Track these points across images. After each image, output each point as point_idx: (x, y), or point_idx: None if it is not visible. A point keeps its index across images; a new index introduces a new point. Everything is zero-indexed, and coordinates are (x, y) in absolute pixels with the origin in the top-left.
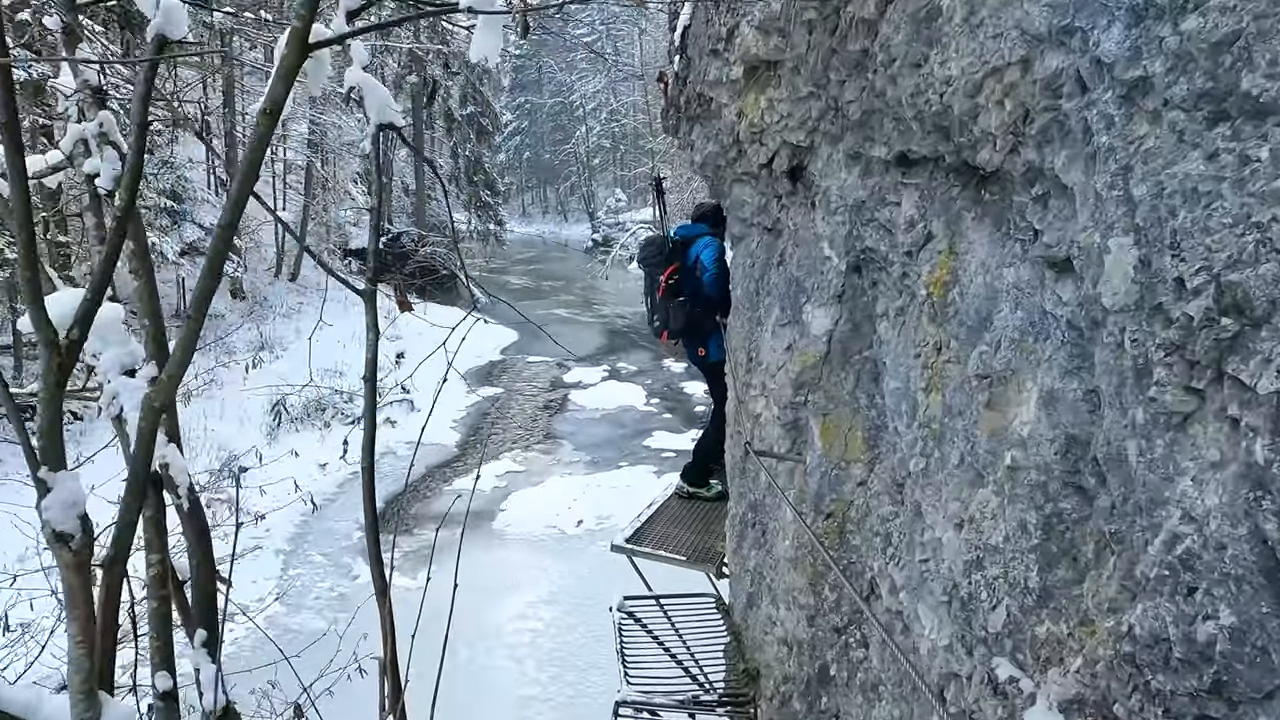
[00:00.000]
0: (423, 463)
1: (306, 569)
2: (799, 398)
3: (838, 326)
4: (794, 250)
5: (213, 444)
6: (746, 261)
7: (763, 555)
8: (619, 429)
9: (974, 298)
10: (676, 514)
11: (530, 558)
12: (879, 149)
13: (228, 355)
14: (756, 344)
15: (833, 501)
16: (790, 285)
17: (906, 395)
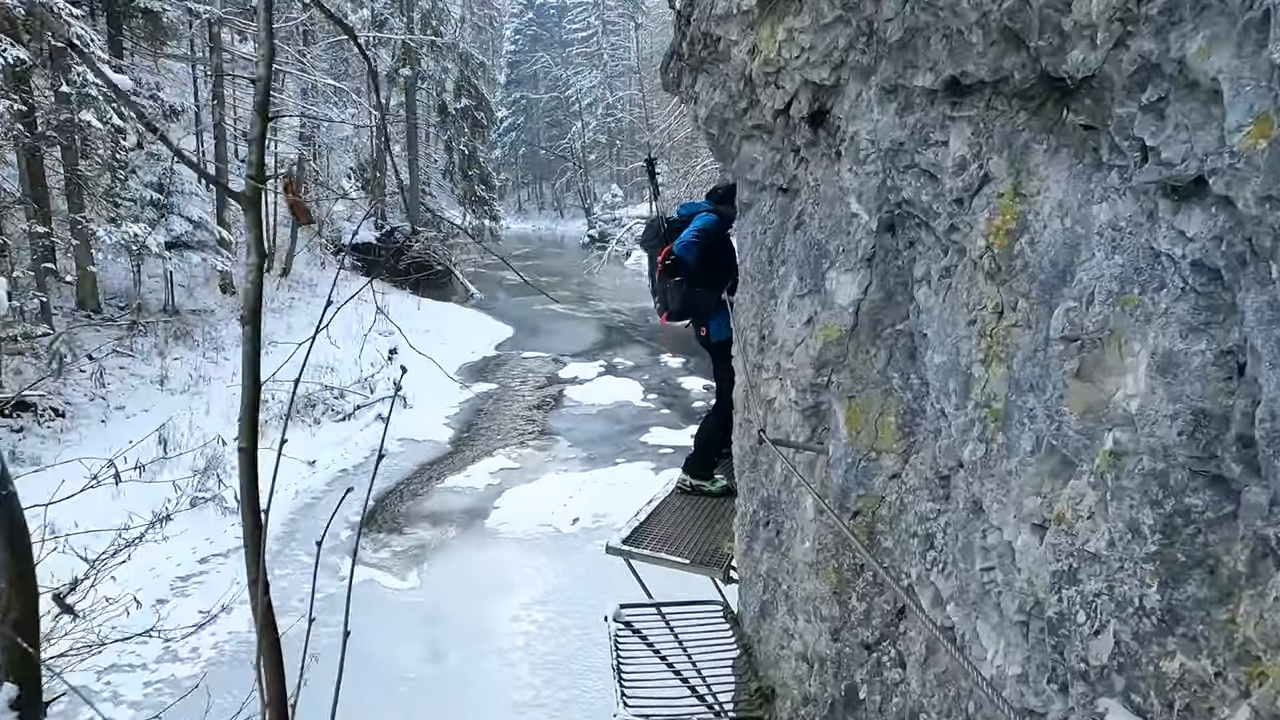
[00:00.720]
0: (414, 460)
1: (293, 569)
2: (820, 379)
3: (867, 295)
4: (814, 210)
5: (198, 440)
6: (757, 229)
7: (778, 558)
8: (615, 425)
9: (1049, 246)
10: (678, 511)
11: (524, 557)
12: (923, 77)
13: (216, 351)
14: (770, 320)
15: (860, 498)
16: (810, 250)
17: (956, 371)
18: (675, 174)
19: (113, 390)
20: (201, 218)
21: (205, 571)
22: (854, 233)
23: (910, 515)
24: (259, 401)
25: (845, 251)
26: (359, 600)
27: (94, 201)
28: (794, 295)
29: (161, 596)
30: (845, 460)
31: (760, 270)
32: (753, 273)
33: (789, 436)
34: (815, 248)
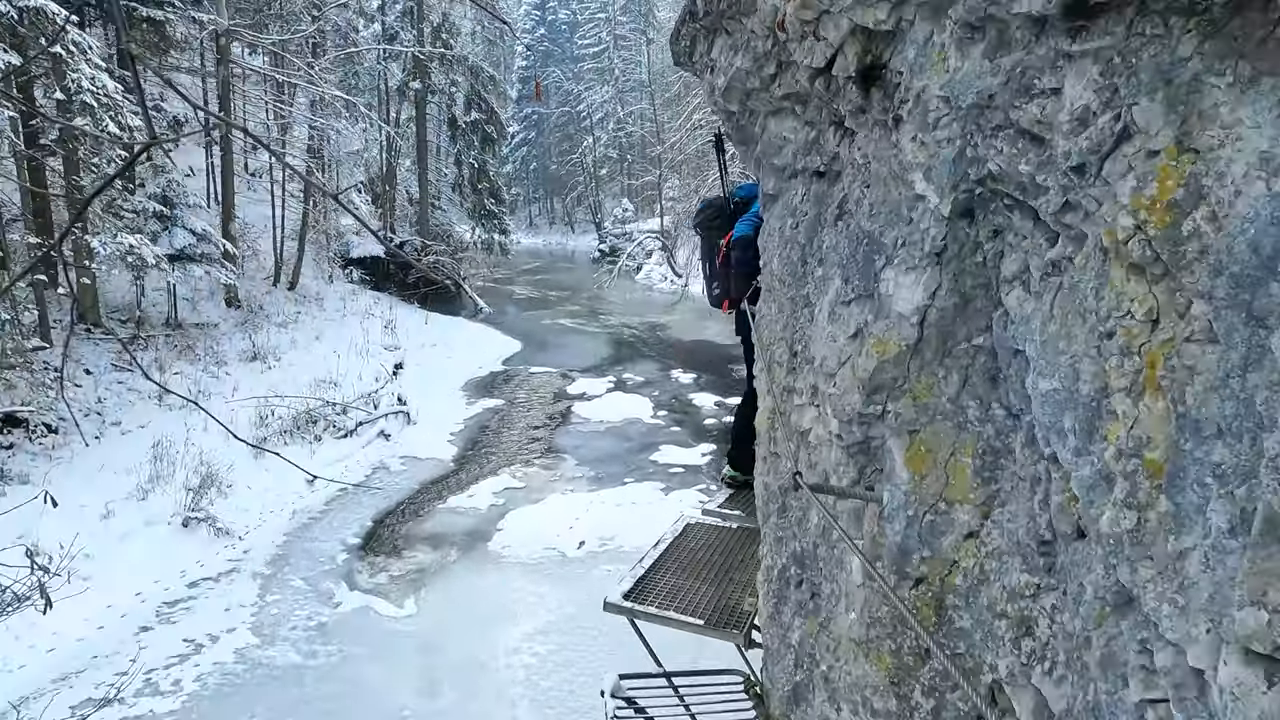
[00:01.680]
0: (416, 479)
1: (285, 595)
2: (872, 407)
3: (935, 300)
4: (863, 195)
5: (192, 458)
6: (786, 223)
7: (814, 628)
8: (624, 443)
9: (1247, 222)
10: (689, 558)
11: (527, 583)
12: (1028, 0)
13: (217, 365)
14: (803, 333)
15: (924, 561)
16: (858, 245)
17: (1075, 403)
18: (686, 189)
19: (109, 405)
20: (205, 230)
21: (194, 597)
22: (919, 220)
23: (995, 588)
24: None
25: (906, 245)
26: (353, 628)
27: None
28: (836, 302)
29: (145, 624)
30: (904, 512)
31: (790, 273)
32: (781, 276)
33: (828, 478)
34: (865, 241)
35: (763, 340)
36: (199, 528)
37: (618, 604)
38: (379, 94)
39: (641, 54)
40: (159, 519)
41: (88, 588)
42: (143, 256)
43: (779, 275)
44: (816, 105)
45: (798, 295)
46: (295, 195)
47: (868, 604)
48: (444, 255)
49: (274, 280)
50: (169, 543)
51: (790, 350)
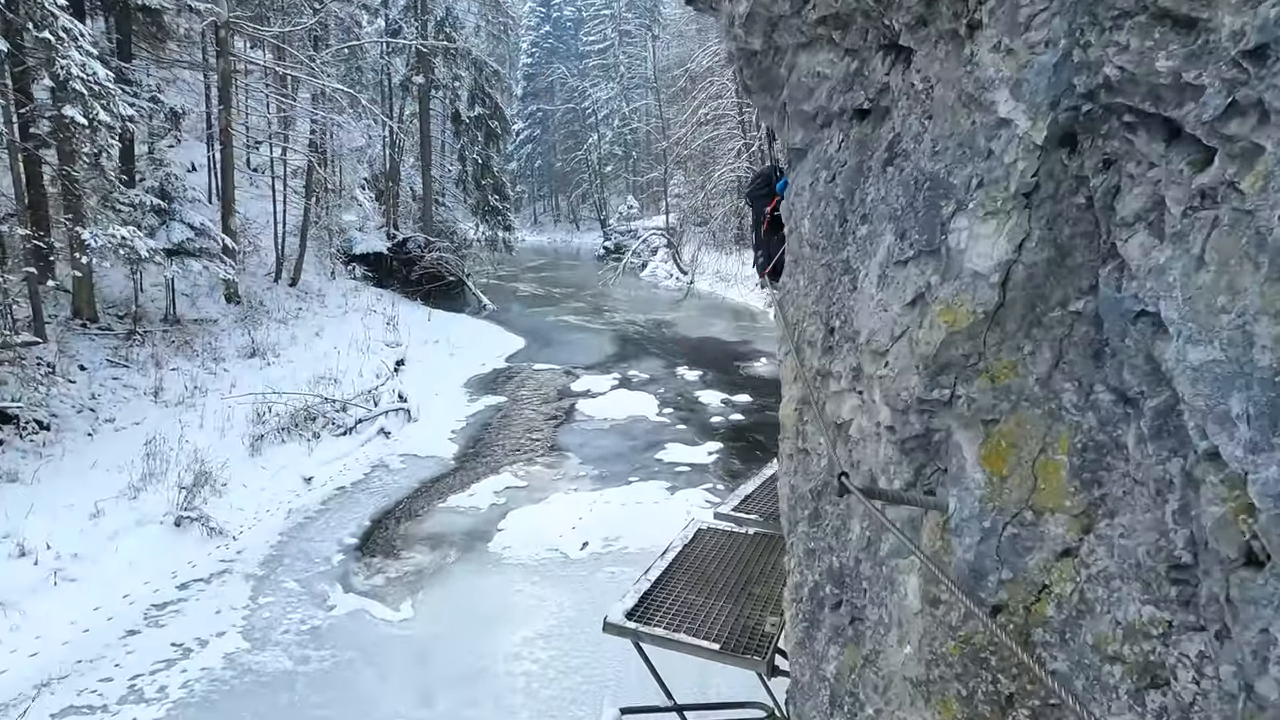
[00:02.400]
0: (415, 477)
1: (278, 597)
2: (937, 392)
3: (1023, 254)
4: (923, 129)
5: (186, 455)
6: (820, 178)
7: (856, 660)
8: (629, 441)
9: None
10: (702, 566)
11: (527, 585)
12: None
13: (215, 361)
14: (843, 304)
15: (1004, 584)
16: (917, 191)
17: (1250, 379)
18: (692, 184)
19: (103, 402)
20: (204, 224)
21: (184, 599)
22: (1001, 153)
23: (1104, 623)
24: None
25: (985, 185)
26: (347, 632)
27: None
28: (888, 263)
29: (133, 627)
30: (978, 523)
31: (825, 235)
32: (813, 240)
33: (874, 479)
34: (927, 185)
35: (788, 318)
36: (191, 527)
37: (619, 624)
38: (382, 90)
39: (647, 49)
40: (150, 518)
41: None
42: (136, 250)
43: (810, 239)
44: (860, 28)
45: (834, 261)
46: (297, 191)
47: (929, 636)
48: (447, 252)
49: (275, 276)
50: (160, 543)
51: (825, 326)
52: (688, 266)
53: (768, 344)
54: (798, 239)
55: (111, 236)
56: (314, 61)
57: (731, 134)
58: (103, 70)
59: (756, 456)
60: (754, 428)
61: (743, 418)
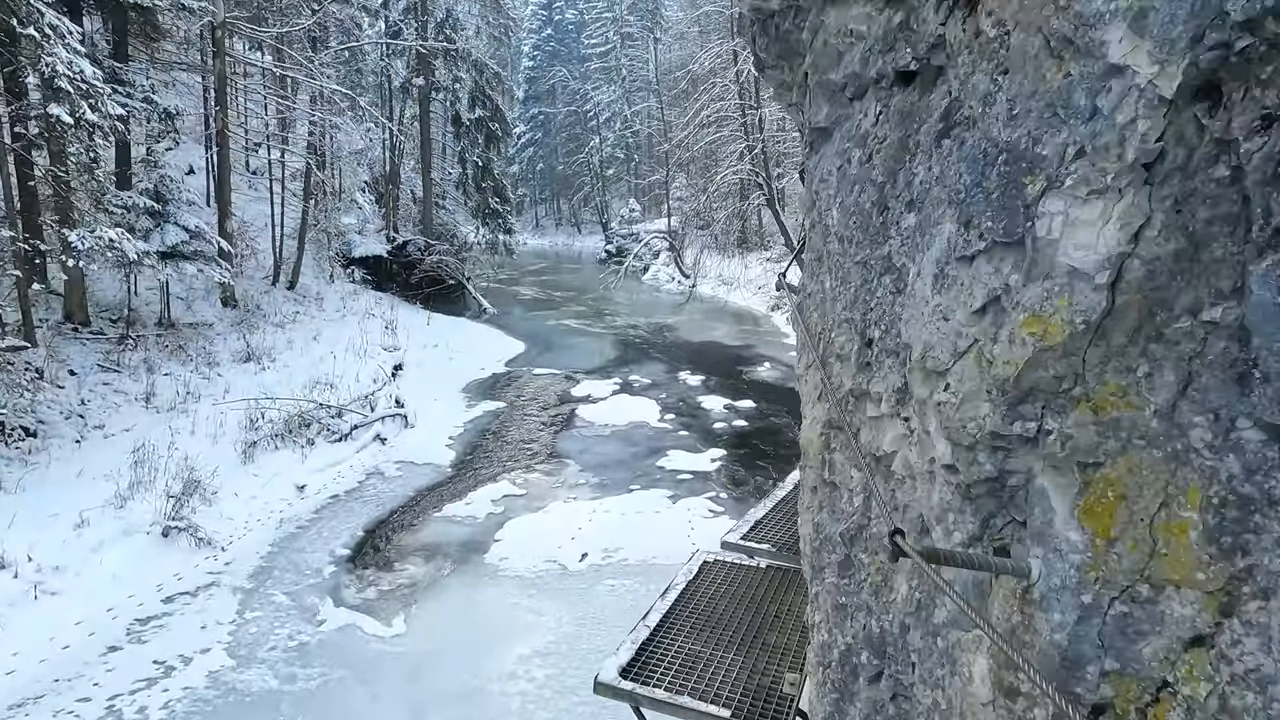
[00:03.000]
0: (411, 485)
1: (266, 611)
2: (1018, 424)
3: (1141, 245)
4: (995, 89)
5: (176, 463)
6: (851, 159)
7: None
8: (630, 447)
9: None
10: (708, 608)
11: (525, 599)
12: None
13: (209, 366)
14: (883, 310)
15: (1109, 676)
16: (987, 167)
17: None
18: (694, 187)
19: (93, 408)
20: (199, 227)
21: (168, 614)
22: (1113, 111)
23: None
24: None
25: (1089, 154)
26: (336, 649)
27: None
28: (949, 258)
29: (114, 643)
30: (1074, 595)
31: (860, 226)
32: (843, 233)
33: (926, 530)
34: (1003, 158)
35: (810, 326)
36: (179, 538)
37: (613, 685)
38: (383, 93)
39: (649, 52)
40: (137, 528)
41: None
42: (124, 252)
43: (840, 232)
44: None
45: (872, 258)
46: (296, 194)
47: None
48: (448, 255)
49: (273, 280)
50: (146, 554)
51: (861, 337)
52: (690, 270)
53: (771, 348)
54: (822, 233)
55: (99, 239)
56: (312, 63)
57: (734, 136)
58: (90, 68)
59: (760, 465)
60: (758, 434)
61: (746, 424)
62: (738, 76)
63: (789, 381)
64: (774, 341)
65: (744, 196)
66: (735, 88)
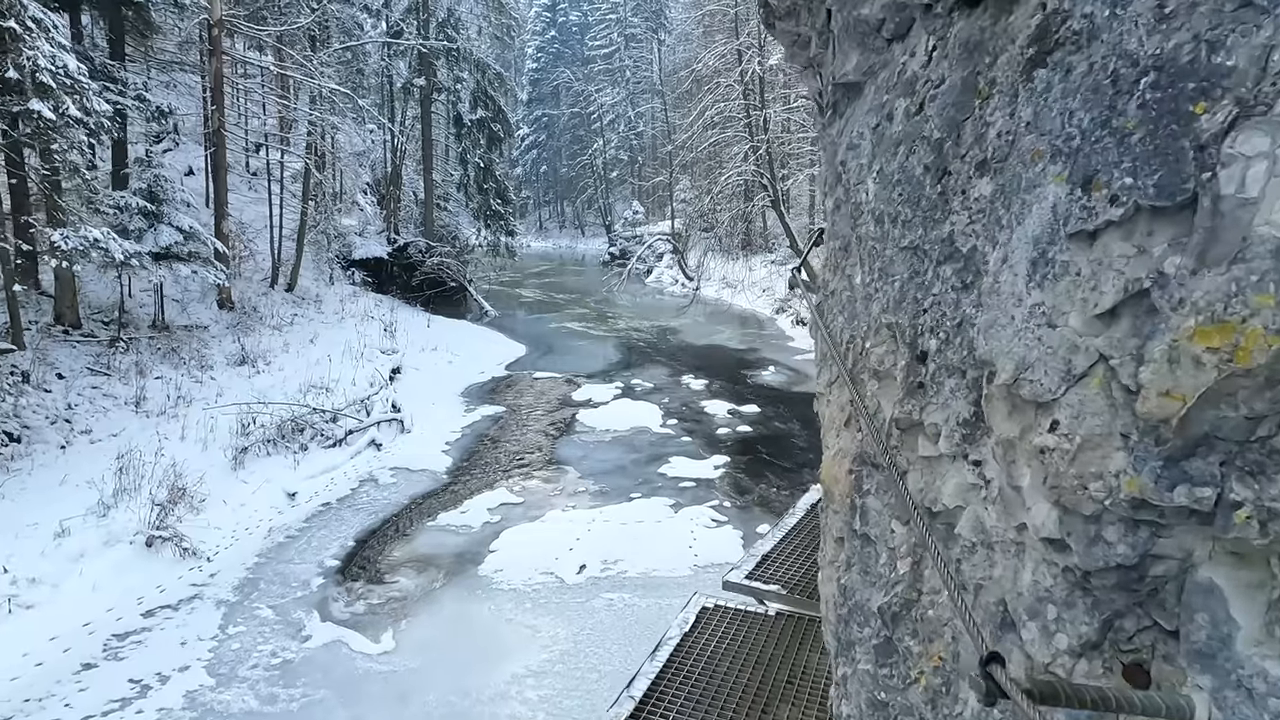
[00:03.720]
0: (406, 493)
1: (249, 626)
2: (1183, 487)
3: None
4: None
5: (163, 469)
6: (896, 110)
7: None
8: (632, 453)
9: None
10: (706, 669)
11: (519, 614)
12: None
13: (202, 369)
14: (942, 311)
15: None
16: (1117, 98)
17: None
18: (698, 189)
19: (80, 412)
20: (193, 227)
21: (148, 629)
22: None
23: None
24: None
25: None
26: (321, 667)
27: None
28: (1055, 234)
29: (90, 660)
30: None
31: (907, 199)
32: (882, 209)
33: (1004, 624)
34: (1146, 81)
35: (833, 333)
36: (164, 548)
37: None
38: (384, 94)
39: (652, 53)
40: (120, 538)
41: None
42: (110, 252)
43: (877, 210)
44: None
45: (925, 240)
46: (295, 195)
47: None
48: (449, 257)
49: (271, 282)
50: (128, 565)
51: (910, 348)
52: (693, 272)
53: (776, 352)
54: (850, 213)
55: (84, 238)
56: (311, 62)
57: (738, 137)
58: (75, 63)
59: (765, 474)
60: (762, 441)
61: (750, 429)
62: (742, 76)
63: (794, 386)
64: (779, 345)
65: (748, 198)
66: (740, 88)
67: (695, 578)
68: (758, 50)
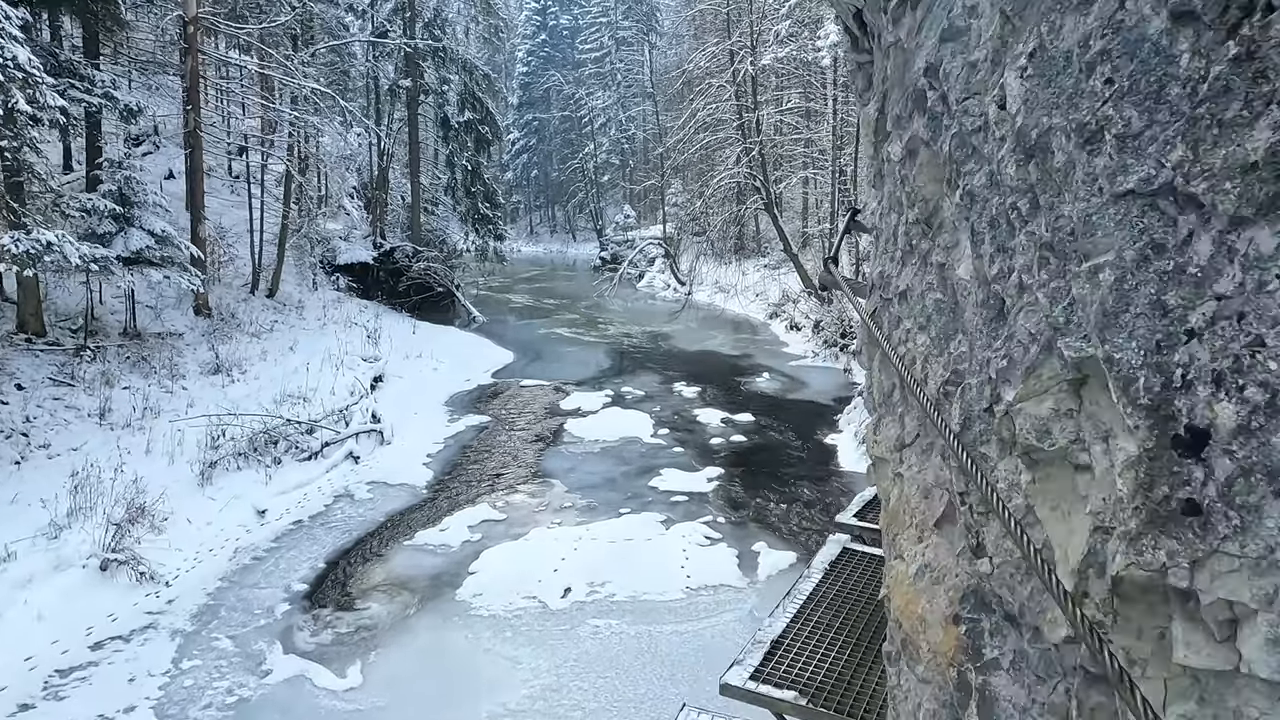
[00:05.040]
0: (382, 509)
1: (206, 659)
2: None
3: None
4: None
5: (123, 486)
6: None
7: None
8: (621, 465)
9: None
10: None
11: (499, 643)
12: None
13: (173, 379)
14: None
15: None
16: None
17: None
18: (690, 192)
19: (39, 425)
20: (165, 231)
21: (95, 663)
22: None
23: None
24: None
25: None
26: (280, 706)
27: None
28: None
29: (27, 700)
30: None
31: (1132, 96)
32: (1054, 125)
33: None
34: None
35: (905, 362)
36: (119, 572)
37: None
38: (370, 96)
39: (644, 56)
40: (71, 562)
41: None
42: (66, 256)
43: (1025, 130)
44: None
45: (1155, 179)
46: (278, 198)
47: None
48: (436, 262)
49: (252, 287)
50: (79, 592)
51: (1153, 415)
52: (685, 277)
53: (770, 358)
54: (952, 152)
55: (36, 242)
56: (291, 62)
57: (730, 139)
58: (24, 54)
59: (759, 486)
60: (756, 451)
61: (744, 439)
62: (734, 77)
63: (789, 393)
64: (773, 351)
65: (741, 200)
66: (732, 89)
67: (687, 601)
68: (750, 50)
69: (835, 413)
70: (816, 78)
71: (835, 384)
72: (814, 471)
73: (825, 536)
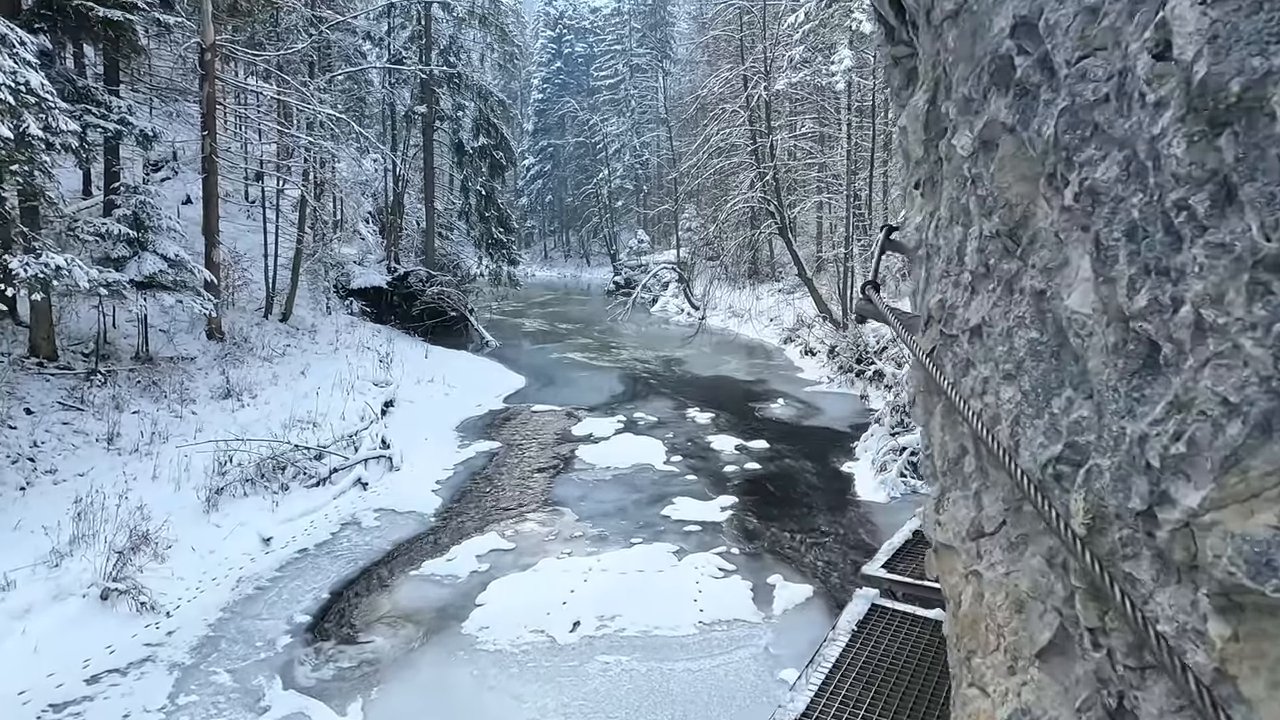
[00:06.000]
0: (389, 538)
1: (203, 695)
2: None
3: None
4: None
5: (127, 513)
6: None
7: None
8: (633, 494)
9: None
10: None
11: (504, 679)
12: None
13: (183, 403)
14: None
15: None
16: None
17: None
18: (704, 217)
19: (46, 450)
20: (179, 255)
21: (89, 698)
22: None
23: None
24: None
25: None
26: None
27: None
28: None
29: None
30: None
31: None
32: None
33: None
34: None
35: (988, 425)
36: (120, 601)
37: None
38: (385, 122)
39: (658, 83)
40: (71, 591)
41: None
42: (75, 280)
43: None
44: None
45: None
46: (293, 222)
47: None
48: (450, 286)
49: (265, 311)
50: (78, 622)
51: (1132, 474)
52: (699, 301)
53: (785, 383)
54: (1039, 142)
55: (45, 266)
56: (308, 88)
57: (744, 164)
58: (37, 79)
59: (774, 516)
60: (771, 479)
61: (759, 467)
62: (748, 102)
63: (805, 420)
64: (788, 376)
65: (755, 225)
66: (745, 114)
67: (700, 636)
68: (763, 76)
69: (852, 440)
70: (830, 103)
71: (851, 410)
72: (830, 501)
73: (841, 567)
